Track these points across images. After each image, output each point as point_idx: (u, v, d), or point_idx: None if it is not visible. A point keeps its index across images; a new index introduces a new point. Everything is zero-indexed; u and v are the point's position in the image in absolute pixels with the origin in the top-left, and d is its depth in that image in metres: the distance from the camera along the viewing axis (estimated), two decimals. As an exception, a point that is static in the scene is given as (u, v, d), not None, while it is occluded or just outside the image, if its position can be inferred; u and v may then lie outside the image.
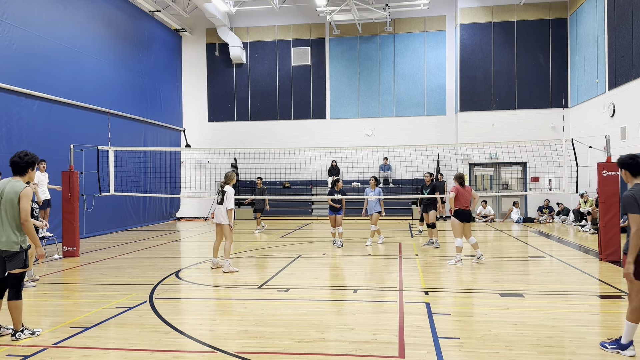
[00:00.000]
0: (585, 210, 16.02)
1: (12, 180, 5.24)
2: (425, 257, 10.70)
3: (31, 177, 5.36)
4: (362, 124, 21.93)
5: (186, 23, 22.57)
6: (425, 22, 21.60)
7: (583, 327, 5.64)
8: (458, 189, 9.78)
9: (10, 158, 5.29)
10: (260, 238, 14.49)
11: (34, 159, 5.32)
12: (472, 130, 20.14)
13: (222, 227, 9.24)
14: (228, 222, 9.20)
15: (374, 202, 12.29)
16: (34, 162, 5.30)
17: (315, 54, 22.29)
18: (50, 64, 13.81)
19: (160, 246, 13.18)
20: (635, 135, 14.38)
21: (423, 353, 4.80)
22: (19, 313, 5.22)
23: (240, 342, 5.20)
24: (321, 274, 9.13)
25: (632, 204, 4.60)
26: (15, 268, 5.17)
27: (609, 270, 9.06)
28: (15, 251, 5.13)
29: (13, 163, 5.23)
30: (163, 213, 20.89)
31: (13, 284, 5.24)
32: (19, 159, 5.23)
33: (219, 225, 9.29)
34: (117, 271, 9.48)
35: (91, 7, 15.85)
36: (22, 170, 5.25)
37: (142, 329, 5.65)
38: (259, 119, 22.59)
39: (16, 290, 5.23)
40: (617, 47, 15.53)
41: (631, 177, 4.81)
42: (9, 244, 5.11)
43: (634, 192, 4.63)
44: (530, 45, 20.23)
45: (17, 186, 5.15)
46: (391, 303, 6.75)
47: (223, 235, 9.30)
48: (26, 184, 5.27)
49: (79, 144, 12.90)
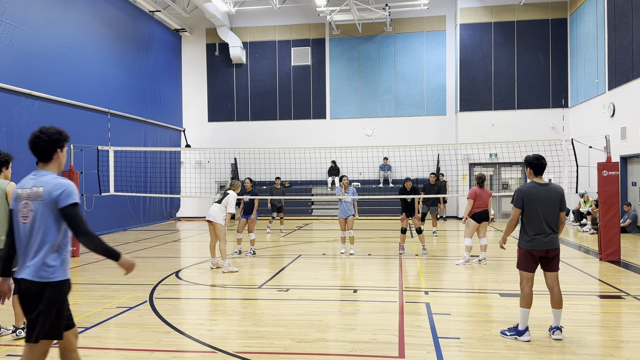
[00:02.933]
0: (585, 210, 16.03)
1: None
2: (425, 257, 10.70)
3: (7, 175, 5.44)
4: (362, 124, 21.93)
5: (186, 23, 22.57)
6: (425, 22, 21.59)
7: (583, 327, 5.64)
8: (476, 191, 9.53)
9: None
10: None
11: (7, 157, 5.43)
12: (472, 130, 20.13)
13: (215, 225, 9.20)
14: (222, 222, 9.18)
15: (349, 204, 10.97)
16: (7, 160, 5.43)
17: (315, 54, 22.29)
18: (50, 64, 13.81)
19: (160, 246, 13.19)
20: (635, 135, 14.38)
21: (423, 353, 4.81)
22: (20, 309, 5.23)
23: (240, 342, 5.20)
24: (321, 274, 9.13)
25: (519, 197, 5.20)
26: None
27: (609, 270, 9.06)
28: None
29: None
30: (163, 213, 20.89)
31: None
32: None
33: (212, 223, 9.25)
34: (117, 271, 9.47)
35: (91, 7, 15.86)
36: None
37: (142, 329, 5.65)
38: (259, 119, 22.58)
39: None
40: (617, 47, 15.53)
41: (533, 175, 5.27)
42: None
43: (525, 190, 5.17)
44: (530, 45, 20.22)
45: (1, 185, 5.16)
46: (391, 303, 6.74)
47: (216, 234, 9.27)
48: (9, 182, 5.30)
49: (79, 144, 12.90)
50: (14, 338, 5.27)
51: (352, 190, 10.95)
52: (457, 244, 12.89)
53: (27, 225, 3.27)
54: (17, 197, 3.35)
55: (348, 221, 10.96)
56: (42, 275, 3.21)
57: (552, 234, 5.12)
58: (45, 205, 3.25)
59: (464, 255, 9.75)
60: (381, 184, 20.97)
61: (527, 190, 5.15)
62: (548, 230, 5.10)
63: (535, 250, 5.12)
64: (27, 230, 3.27)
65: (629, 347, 4.96)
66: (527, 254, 5.16)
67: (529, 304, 5.14)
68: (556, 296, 5.18)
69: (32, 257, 3.23)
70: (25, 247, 3.27)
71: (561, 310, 5.20)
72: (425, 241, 11.38)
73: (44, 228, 3.24)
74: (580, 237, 14.37)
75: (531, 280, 5.19)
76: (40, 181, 3.32)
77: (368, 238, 14.08)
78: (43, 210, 3.25)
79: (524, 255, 5.20)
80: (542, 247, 5.09)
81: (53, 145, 3.40)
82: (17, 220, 3.32)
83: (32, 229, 3.26)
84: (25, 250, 3.27)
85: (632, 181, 15.08)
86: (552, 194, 5.15)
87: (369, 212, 20.60)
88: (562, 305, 5.19)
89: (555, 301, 5.18)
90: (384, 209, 20.69)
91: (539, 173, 5.23)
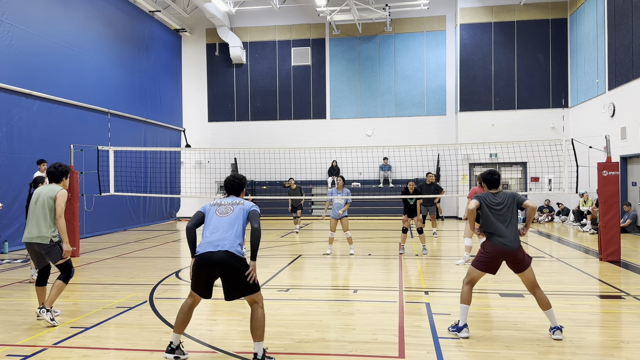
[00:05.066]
0: (585, 210, 16.02)
1: (49, 185, 6.10)
2: (425, 257, 10.70)
3: (65, 184, 6.16)
4: (362, 124, 21.93)
5: (186, 23, 22.57)
6: (425, 22, 21.60)
7: (583, 327, 5.64)
8: (477, 191, 9.29)
9: (47, 169, 6.19)
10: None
11: (67, 168, 6.20)
12: (472, 130, 20.13)
13: None
14: None
15: (341, 205, 10.87)
16: (67, 171, 6.18)
17: (315, 54, 22.29)
18: (50, 64, 13.82)
19: (160, 246, 13.18)
20: (635, 135, 14.39)
21: (423, 353, 4.81)
22: (57, 293, 5.90)
23: (240, 342, 5.20)
24: (321, 274, 9.13)
25: (475, 197, 5.48)
26: (57, 260, 5.93)
27: (609, 270, 9.06)
28: (47, 244, 5.83)
29: (49, 173, 6.08)
30: (163, 213, 20.89)
31: (62, 270, 5.99)
32: (54, 169, 6.09)
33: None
34: (117, 271, 9.48)
35: (91, 7, 15.86)
36: (57, 178, 6.10)
37: (142, 329, 5.65)
38: (259, 119, 22.59)
39: (65, 275, 5.98)
40: (617, 47, 15.53)
41: (487, 189, 5.57)
42: (41, 238, 5.83)
43: (481, 195, 5.46)
44: (530, 45, 20.22)
45: (54, 189, 5.97)
46: (391, 303, 6.74)
47: None
48: (62, 188, 6.05)
49: (79, 144, 12.91)
50: (37, 314, 5.89)
51: (346, 191, 10.91)
52: (457, 244, 12.89)
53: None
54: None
55: (343, 222, 10.90)
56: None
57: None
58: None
59: (464, 255, 9.75)
60: (381, 184, 20.97)
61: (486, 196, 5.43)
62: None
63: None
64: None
65: (629, 347, 4.96)
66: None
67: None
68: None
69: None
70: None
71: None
72: (425, 241, 11.38)
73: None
74: (580, 237, 14.37)
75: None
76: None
77: (368, 238, 14.08)
78: None
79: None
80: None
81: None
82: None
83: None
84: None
85: (632, 181, 15.08)
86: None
87: (369, 212, 20.61)
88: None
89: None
90: (384, 209, 20.69)
91: (494, 186, 5.50)
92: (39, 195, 5.97)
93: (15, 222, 12.29)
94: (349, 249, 11.21)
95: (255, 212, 4.63)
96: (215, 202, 4.74)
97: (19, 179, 12.38)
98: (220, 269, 4.40)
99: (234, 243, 4.43)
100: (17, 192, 12.37)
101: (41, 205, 5.89)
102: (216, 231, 4.47)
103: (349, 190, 11.04)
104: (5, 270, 9.65)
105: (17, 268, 9.83)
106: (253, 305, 4.52)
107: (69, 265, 6.01)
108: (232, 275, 4.41)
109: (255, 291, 4.49)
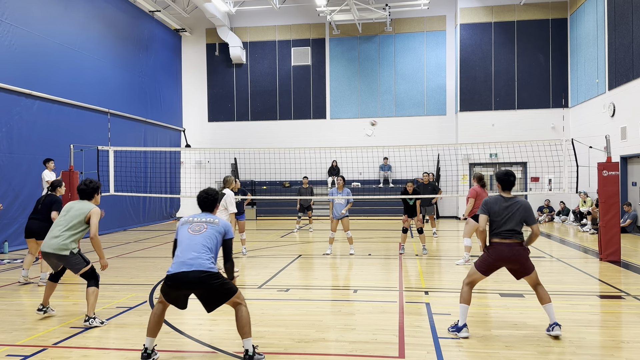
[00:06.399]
0: (585, 210, 16.02)
1: (81, 201, 6.06)
2: (425, 257, 10.70)
3: (97, 200, 6.14)
4: (362, 124, 21.93)
5: (186, 23, 22.57)
6: (425, 22, 21.59)
7: (583, 327, 5.64)
8: (477, 191, 9.40)
9: (77, 186, 6.12)
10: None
11: (98, 184, 6.19)
12: (472, 130, 20.13)
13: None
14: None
15: (342, 205, 10.90)
16: (98, 187, 6.16)
17: (315, 54, 22.29)
18: (50, 64, 13.81)
19: (160, 246, 13.18)
20: (635, 135, 14.38)
21: (423, 353, 4.80)
22: (94, 300, 5.81)
23: (240, 342, 5.18)
24: (321, 274, 9.13)
25: (483, 206, 5.39)
26: (80, 269, 5.89)
27: (609, 270, 9.06)
28: (67, 255, 5.79)
29: (81, 190, 6.05)
30: (163, 213, 20.88)
31: (87, 278, 5.91)
32: (85, 186, 6.06)
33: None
34: (117, 271, 9.48)
35: (91, 7, 15.85)
36: (89, 195, 6.08)
37: (142, 329, 5.64)
38: (259, 119, 22.58)
39: (94, 282, 5.90)
40: (617, 47, 15.53)
41: (501, 190, 5.48)
42: (59, 248, 5.78)
43: (490, 200, 5.37)
44: (530, 45, 20.22)
45: (87, 206, 5.96)
46: (391, 303, 6.74)
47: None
48: (95, 206, 6.03)
49: (79, 144, 12.91)
50: (85, 324, 5.78)
51: (346, 191, 10.90)
52: (457, 244, 12.89)
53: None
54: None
55: (343, 222, 10.90)
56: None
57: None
58: None
59: (464, 255, 9.74)
60: (381, 184, 20.97)
61: (492, 203, 5.37)
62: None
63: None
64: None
65: (629, 347, 4.96)
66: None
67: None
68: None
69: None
70: None
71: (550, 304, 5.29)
72: (425, 241, 11.38)
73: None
74: (580, 237, 14.37)
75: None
76: None
77: (368, 238, 14.08)
78: None
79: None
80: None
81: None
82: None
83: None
84: None
85: (632, 181, 15.08)
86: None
87: (369, 212, 20.60)
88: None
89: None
90: (384, 209, 20.69)
91: (508, 188, 5.42)
92: (69, 209, 5.96)
93: (15, 222, 12.28)
94: (349, 249, 11.22)
95: (231, 241, 4.70)
96: (187, 218, 4.72)
97: (18, 179, 12.38)
98: (197, 288, 4.43)
99: (208, 262, 4.43)
100: (17, 192, 12.37)
101: (69, 218, 5.88)
102: (189, 249, 4.46)
103: (349, 190, 11.03)
104: (5, 270, 9.65)
105: (17, 268, 9.82)
106: (236, 306, 4.56)
107: (93, 271, 5.99)
108: (208, 292, 4.46)
109: (234, 294, 4.52)
